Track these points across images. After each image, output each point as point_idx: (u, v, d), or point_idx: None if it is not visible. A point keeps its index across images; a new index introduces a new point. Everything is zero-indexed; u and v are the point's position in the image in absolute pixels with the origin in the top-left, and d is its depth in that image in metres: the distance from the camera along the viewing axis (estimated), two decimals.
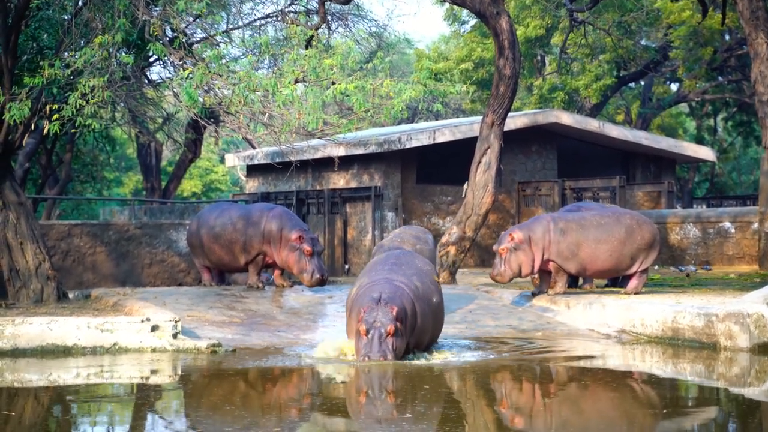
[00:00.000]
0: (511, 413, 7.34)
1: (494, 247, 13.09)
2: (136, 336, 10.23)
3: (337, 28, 23.49)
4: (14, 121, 11.94)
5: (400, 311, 9.05)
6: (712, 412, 7.57)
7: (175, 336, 10.27)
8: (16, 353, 9.93)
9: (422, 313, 9.51)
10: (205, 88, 12.38)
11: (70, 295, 13.80)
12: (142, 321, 10.30)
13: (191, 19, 15.54)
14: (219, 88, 12.58)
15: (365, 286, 9.55)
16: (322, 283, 13.88)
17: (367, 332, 8.98)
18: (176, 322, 10.38)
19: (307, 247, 13.85)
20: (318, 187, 23.84)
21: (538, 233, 12.87)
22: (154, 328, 10.27)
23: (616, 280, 14.45)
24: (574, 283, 14.21)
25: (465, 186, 16.62)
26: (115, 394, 8.30)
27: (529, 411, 7.51)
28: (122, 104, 14.42)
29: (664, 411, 7.35)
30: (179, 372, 9.26)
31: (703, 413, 7.54)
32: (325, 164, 23.05)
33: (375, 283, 9.50)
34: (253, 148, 26.23)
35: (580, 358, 10.19)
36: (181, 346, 10.17)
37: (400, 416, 7.04)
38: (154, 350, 10.13)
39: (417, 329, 9.46)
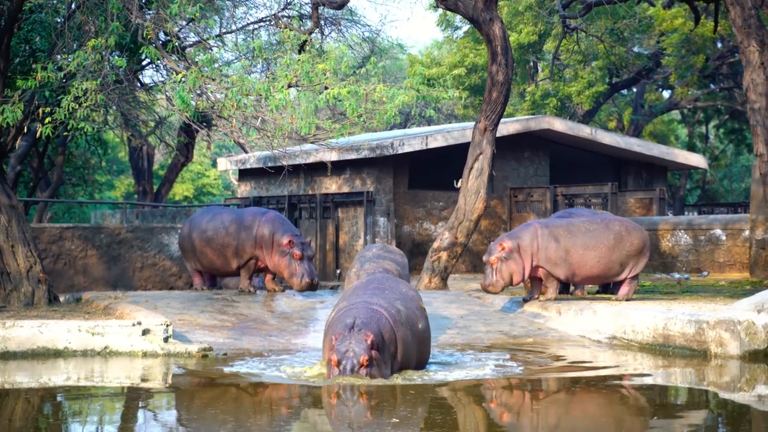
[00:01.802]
0: None
1: (484, 258, 13.09)
2: (127, 340, 10.21)
3: (330, 33, 23.52)
4: (6, 123, 11.93)
5: (375, 339, 8.32)
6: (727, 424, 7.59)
7: (166, 340, 10.26)
8: (6, 356, 9.91)
9: (404, 339, 8.81)
10: (198, 91, 12.37)
11: (61, 299, 13.78)
12: (134, 325, 10.29)
13: (184, 23, 15.55)
14: (212, 92, 12.57)
15: (342, 310, 8.87)
16: (311, 287, 13.86)
17: (339, 363, 8.22)
18: (167, 326, 10.37)
19: (296, 252, 13.84)
20: (310, 192, 23.83)
21: (526, 240, 12.89)
22: (145, 332, 10.26)
23: (608, 287, 14.48)
24: (565, 289, 14.24)
25: (458, 184, 16.56)
26: (103, 397, 8.28)
27: None
28: (115, 107, 14.41)
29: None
30: (169, 377, 9.25)
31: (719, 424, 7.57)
32: (317, 169, 23.05)
33: (352, 306, 8.82)
34: (246, 152, 26.22)
35: (607, 377, 10.18)
36: (172, 350, 10.16)
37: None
38: (145, 354, 10.11)
39: (400, 357, 8.78)
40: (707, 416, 7.71)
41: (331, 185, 23.39)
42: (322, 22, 21.19)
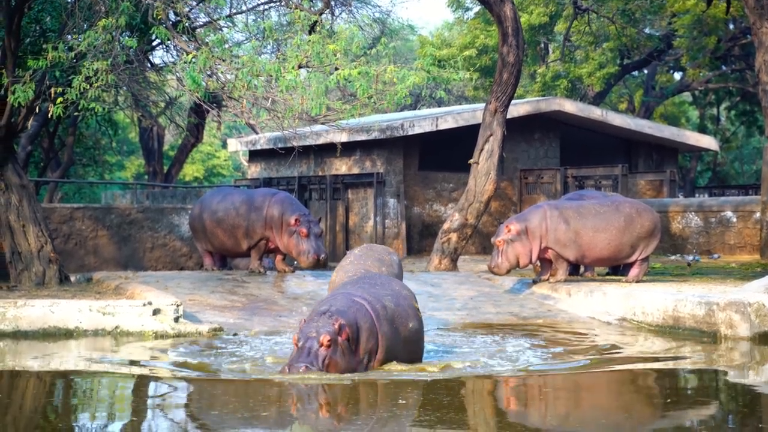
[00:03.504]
0: None
1: (492, 240, 13.13)
2: (138, 319, 10.25)
3: (340, 14, 23.42)
4: (18, 103, 11.95)
5: (345, 325, 7.67)
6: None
7: (176, 320, 10.29)
8: (17, 335, 9.96)
9: (388, 336, 8.09)
10: (208, 72, 12.36)
11: (72, 279, 13.83)
12: (144, 305, 10.32)
13: (194, 2, 15.50)
14: (222, 72, 12.56)
15: (321, 301, 8.34)
16: (318, 263, 13.83)
17: (298, 341, 7.67)
18: (178, 306, 10.40)
19: (303, 229, 13.85)
20: (320, 173, 23.84)
21: (534, 222, 12.89)
22: (155, 312, 10.29)
23: (618, 269, 14.48)
24: (575, 271, 14.24)
25: (474, 159, 16.48)
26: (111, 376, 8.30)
27: None
28: (125, 88, 14.39)
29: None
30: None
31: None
32: (327, 150, 23.04)
33: (332, 296, 8.29)
34: (256, 133, 26.22)
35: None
36: (182, 330, 10.19)
37: None
38: (155, 334, 10.14)
39: (381, 356, 8.06)
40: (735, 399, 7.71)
41: (341, 166, 23.38)
42: (332, 3, 21.11)
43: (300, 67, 12.33)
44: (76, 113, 13.10)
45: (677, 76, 40.83)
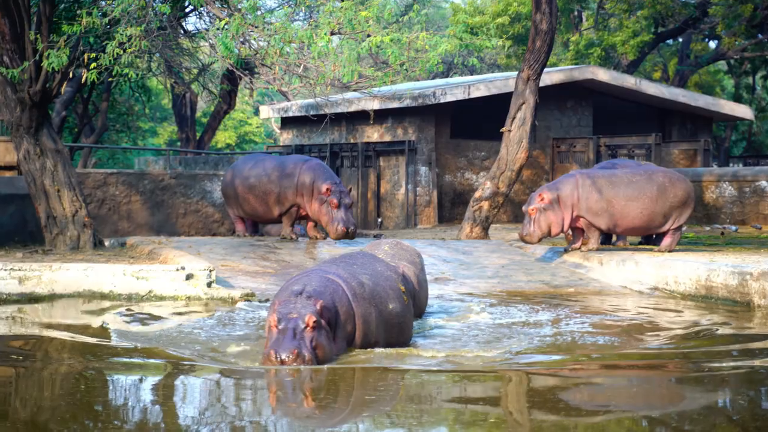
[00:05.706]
0: None
1: (523, 208, 13.12)
2: (171, 284, 10.33)
3: None
4: (52, 68, 12.02)
5: (326, 307, 6.99)
6: None
7: (209, 285, 10.37)
8: (53, 298, 10.09)
9: (365, 318, 7.34)
10: (241, 39, 12.37)
11: (106, 243, 13.96)
12: (177, 269, 10.40)
13: None
14: (255, 39, 12.57)
15: (292, 278, 7.53)
16: (346, 235, 13.87)
17: (279, 323, 6.84)
18: (211, 271, 10.47)
19: (333, 200, 13.88)
20: (352, 141, 23.85)
21: (566, 191, 12.84)
22: (188, 277, 10.37)
23: (650, 238, 14.43)
24: (607, 240, 14.21)
25: (503, 130, 16.42)
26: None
27: None
28: (158, 54, 14.45)
29: None
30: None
31: None
32: (359, 117, 23.04)
33: (304, 274, 7.51)
34: (288, 100, 26.21)
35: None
36: (215, 295, 10.27)
37: None
38: (188, 298, 10.22)
39: (359, 339, 7.33)
40: None
41: (373, 134, 23.38)
42: None
43: (332, 33, 12.31)
44: (109, 79, 13.18)
45: (712, 44, 40.41)
